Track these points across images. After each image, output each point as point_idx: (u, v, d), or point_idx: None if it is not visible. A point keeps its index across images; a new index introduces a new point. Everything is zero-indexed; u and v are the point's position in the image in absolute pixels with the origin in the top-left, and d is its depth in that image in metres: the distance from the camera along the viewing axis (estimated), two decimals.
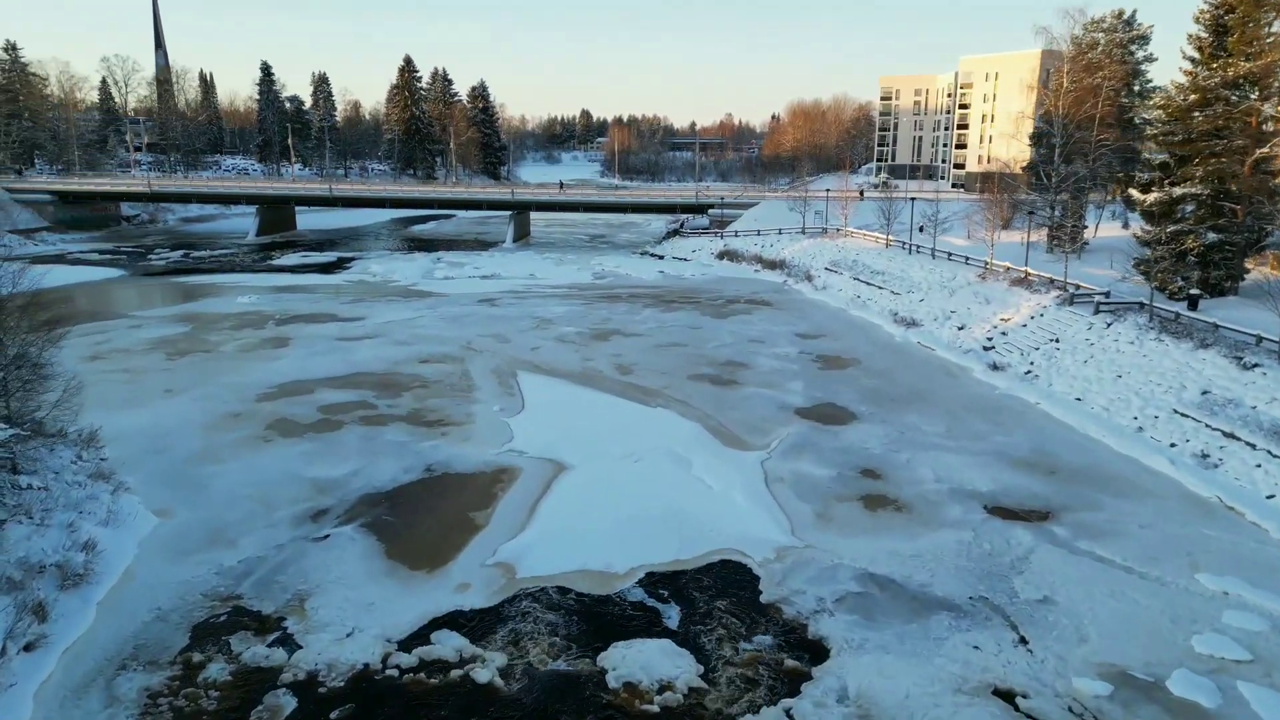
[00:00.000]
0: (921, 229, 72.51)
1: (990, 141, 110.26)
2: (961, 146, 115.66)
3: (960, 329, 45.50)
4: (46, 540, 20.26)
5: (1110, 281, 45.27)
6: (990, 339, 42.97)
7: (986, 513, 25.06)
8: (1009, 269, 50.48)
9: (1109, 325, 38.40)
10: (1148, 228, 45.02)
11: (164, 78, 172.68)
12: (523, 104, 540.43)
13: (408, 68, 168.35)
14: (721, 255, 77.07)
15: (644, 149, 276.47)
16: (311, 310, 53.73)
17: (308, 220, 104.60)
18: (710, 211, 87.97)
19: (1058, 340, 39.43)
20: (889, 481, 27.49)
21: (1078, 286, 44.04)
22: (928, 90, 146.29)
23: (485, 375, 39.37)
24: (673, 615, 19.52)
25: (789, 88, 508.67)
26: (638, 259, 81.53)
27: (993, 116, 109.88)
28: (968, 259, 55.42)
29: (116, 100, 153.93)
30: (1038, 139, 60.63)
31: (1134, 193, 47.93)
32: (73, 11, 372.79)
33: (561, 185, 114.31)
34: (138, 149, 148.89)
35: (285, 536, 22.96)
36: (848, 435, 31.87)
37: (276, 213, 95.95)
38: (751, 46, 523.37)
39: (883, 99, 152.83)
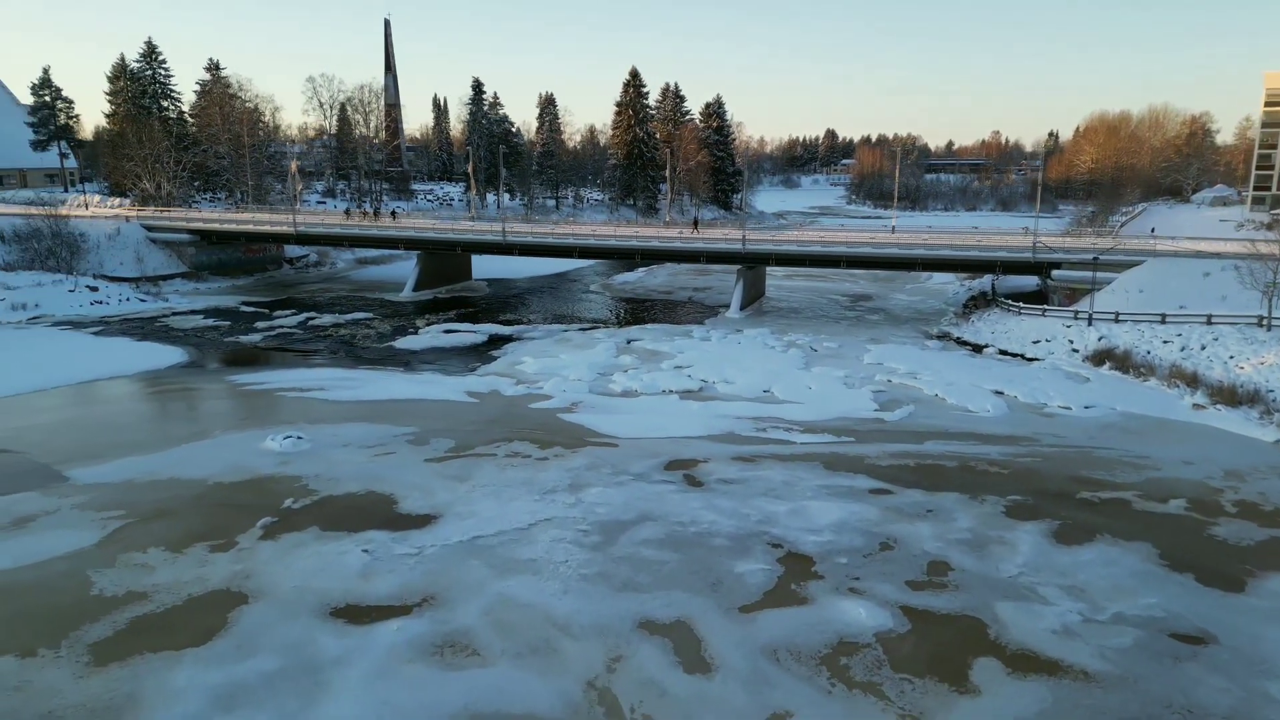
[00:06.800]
0: None
1: None
2: None
3: None
4: None
5: None
6: None
7: None
8: None
9: None
10: None
11: (393, 102, 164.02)
12: (759, 124, 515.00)
13: (634, 82, 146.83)
14: (1100, 358, 44.62)
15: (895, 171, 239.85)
16: (358, 484, 28.86)
17: (489, 265, 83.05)
18: (1055, 274, 55.27)
19: None
20: None
21: None
22: None
23: None
24: None
25: (1068, 101, 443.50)
26: (938, 351, 50.79)
27: None
28: None
29: (312, 124, 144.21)
30: None
31: None
32: (281, 37, 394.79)
33: (696, 224, 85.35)
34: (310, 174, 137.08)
35: None
36: None
37: (445, 259, 74.99)
38: (1019, 56, 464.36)
39: (1268, 105, 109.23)
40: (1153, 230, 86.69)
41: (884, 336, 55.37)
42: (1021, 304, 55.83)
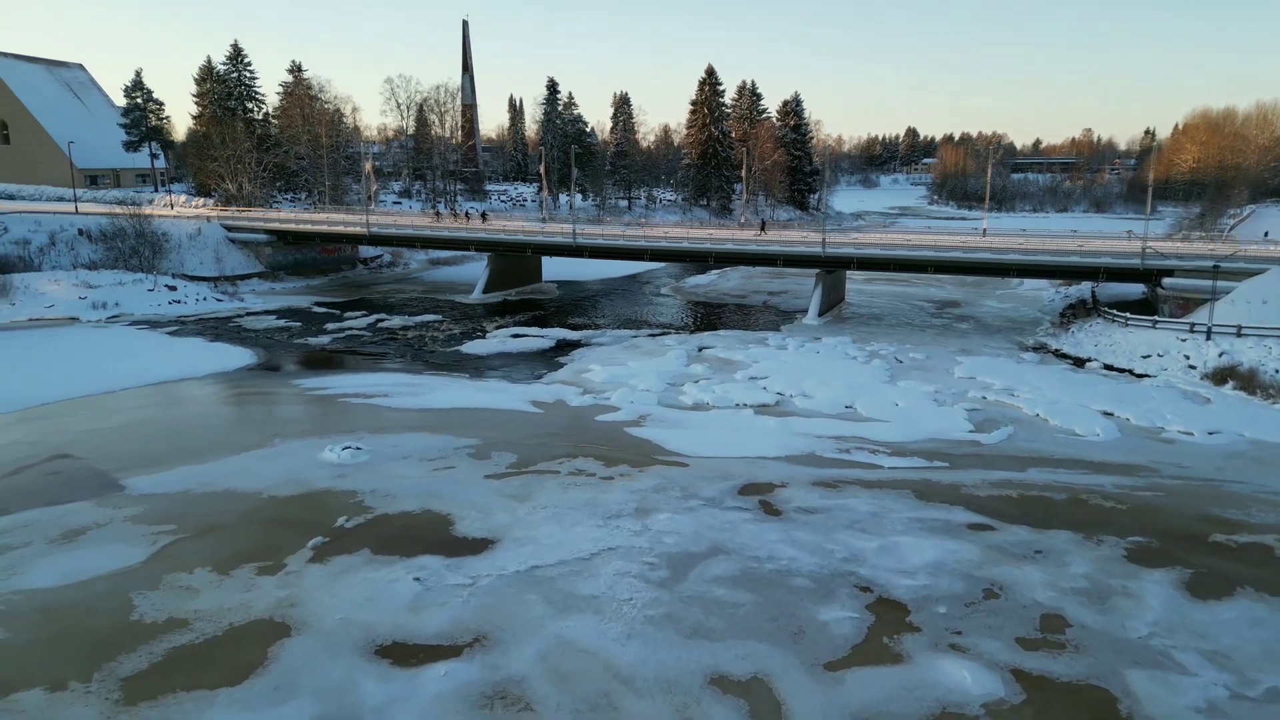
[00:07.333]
0: None
1: None
2: None
3: None
4: None
5: None
6: None
7: None
8: None
9: None
10: None
11: (470, 102, 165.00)
12: (837, 122, 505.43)
13: (709, 79, 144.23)
14: (1221, 377, 40.55)
15: (980, 171, 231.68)
16: (415, 502, 27.42)
17: (560, 267, 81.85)
18: (1167, 282, 50.94)
19: None
20: None
21: None
22: None
23: None
24: None
25: (1166, 98, 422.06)
26: (1035, 364, 47.18)
27: None
28: None
29: (390, 125, 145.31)
30: None
31: None
32: (360, 34, 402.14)
33: (764, 225, 79.74)
34: (387, 174, 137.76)
35: None
36: None
37: (515, 261, 74.02)
38: (1111, 52, 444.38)
39: None
40: (1265, 234, 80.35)
41: (975, 347, 51.84)
42: (1128, 314, 51.54)
